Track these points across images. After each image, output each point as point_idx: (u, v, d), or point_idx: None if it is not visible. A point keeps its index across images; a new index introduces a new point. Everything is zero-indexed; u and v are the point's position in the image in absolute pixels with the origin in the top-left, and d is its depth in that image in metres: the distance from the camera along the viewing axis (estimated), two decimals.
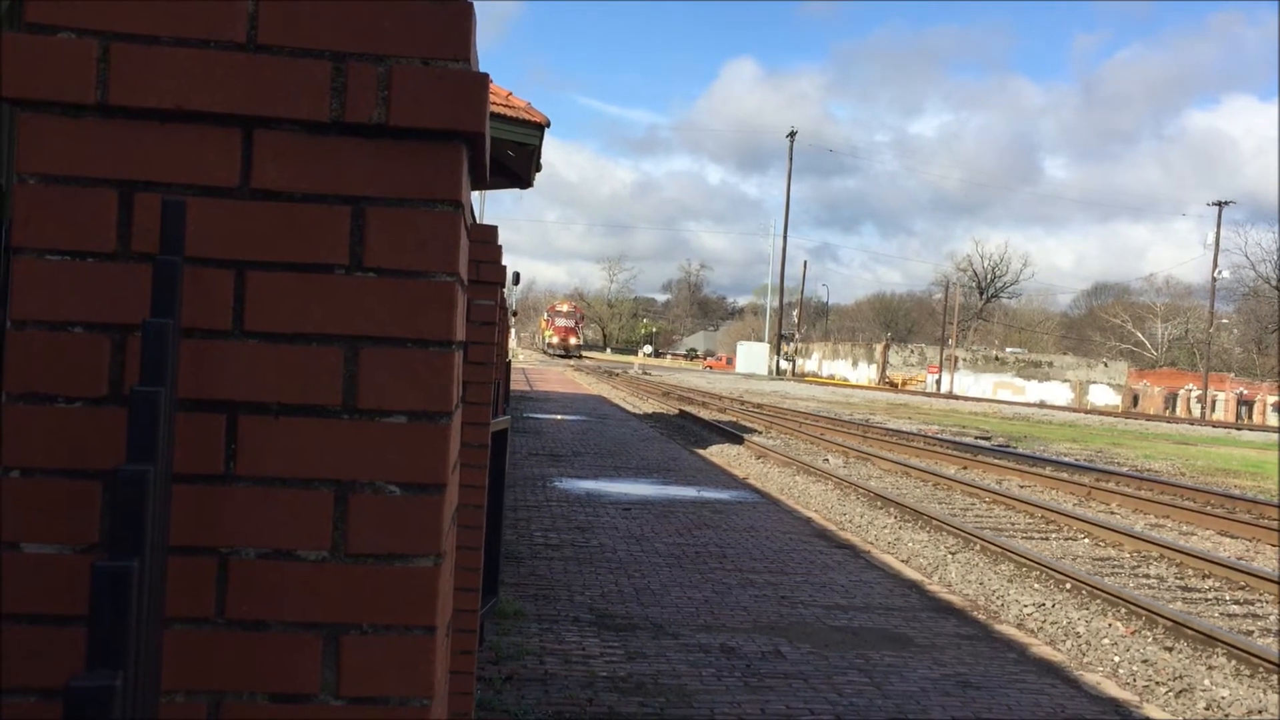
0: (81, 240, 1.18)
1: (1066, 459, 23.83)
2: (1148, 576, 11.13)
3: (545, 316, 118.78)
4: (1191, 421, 55.27)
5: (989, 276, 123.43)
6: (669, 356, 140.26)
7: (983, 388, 79.28)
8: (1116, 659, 8.02)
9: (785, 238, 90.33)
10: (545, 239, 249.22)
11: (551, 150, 14.46)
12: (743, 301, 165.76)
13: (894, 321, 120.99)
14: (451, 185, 1.23)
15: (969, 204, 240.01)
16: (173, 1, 1.18)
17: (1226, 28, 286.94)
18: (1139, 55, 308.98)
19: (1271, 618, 9.60)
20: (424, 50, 1.21)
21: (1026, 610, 9.32)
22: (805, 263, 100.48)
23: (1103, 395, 78.05)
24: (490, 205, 48.36)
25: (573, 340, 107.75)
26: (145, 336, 0.99)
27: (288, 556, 1.20)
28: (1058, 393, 79.05)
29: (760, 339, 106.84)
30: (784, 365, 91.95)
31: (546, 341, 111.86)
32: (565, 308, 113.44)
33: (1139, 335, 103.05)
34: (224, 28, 1.18)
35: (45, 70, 1.16)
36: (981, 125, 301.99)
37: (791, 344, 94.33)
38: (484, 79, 1.22)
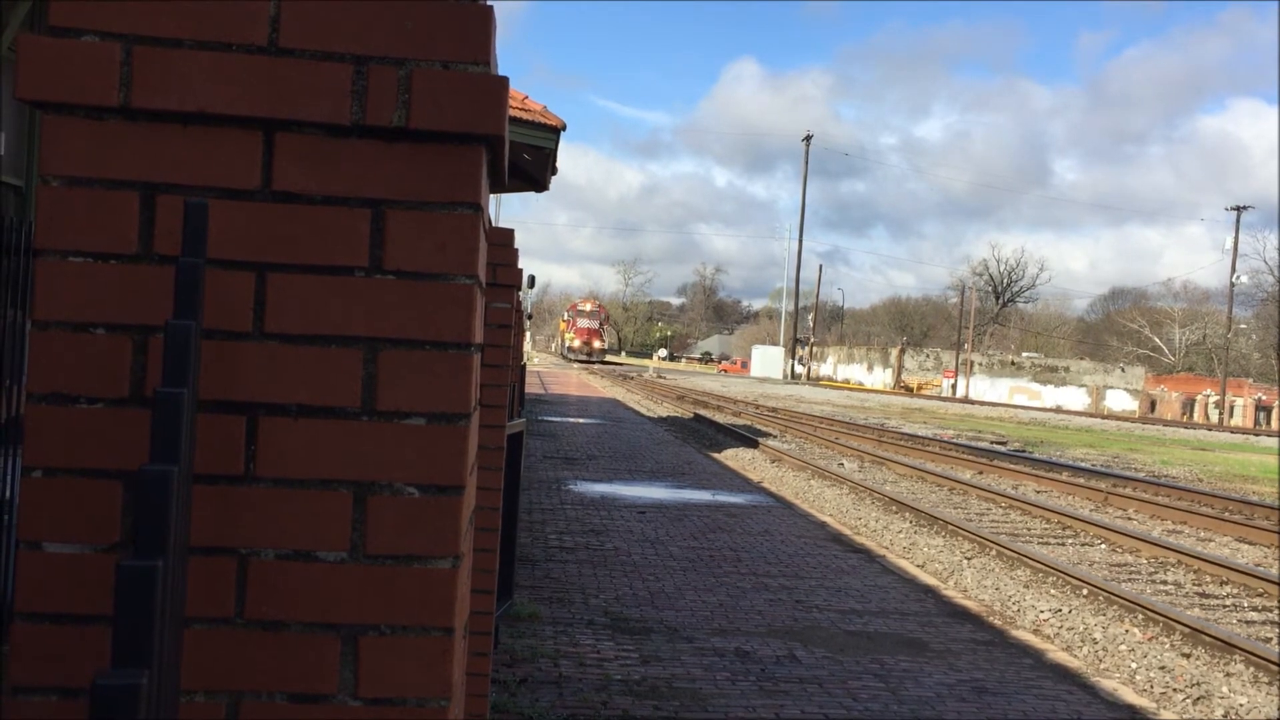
0: (104, 242, 1.19)
1: (1083, 464, 23.72)
2: (1165, 582, 11.07)
3: (565, 317, 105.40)
4: (1209, 427, 54.94)
5: (1005, 281, 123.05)
6: (684, 360, 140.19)
7: (999, 392, 78.98)
8: (1134, 665, 7.97)
9: (800, 242, 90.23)
10: (556, 242, 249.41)
11: (559, 152, 14.36)
12: (758, 305, 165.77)
13: (909, 325, 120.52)
14: (471, 188, 1.24)
15: (979, 207, 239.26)
16: (195, 4, 1.19)
17: (1236, 24, 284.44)
18: (1147, 53, 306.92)
19: None
20: (444, 53, 1.21)
21: (1043, 616, 9.27)
22: (820, 266, 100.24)
23: (1119, 400, 77.67)
24: (500, 207, 48.15)
25: (597, 343, 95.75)
26: (168, 338, 0.99)
27: (307, 557, 1.21)
28: (1074, 398, 78.69)
29: (775, 343, 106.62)
30: (799, 369, 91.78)
31: (567, 345, 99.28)
32: (589, 307, 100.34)
33: (1156, 340, 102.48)
34: (246, 30, 1.19)
35: (69, 73, 1.17)
36: (989, 127, 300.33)
37: (806, 348, 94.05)
38: (504, 82, 1.22)
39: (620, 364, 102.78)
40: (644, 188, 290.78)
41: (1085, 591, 10.13)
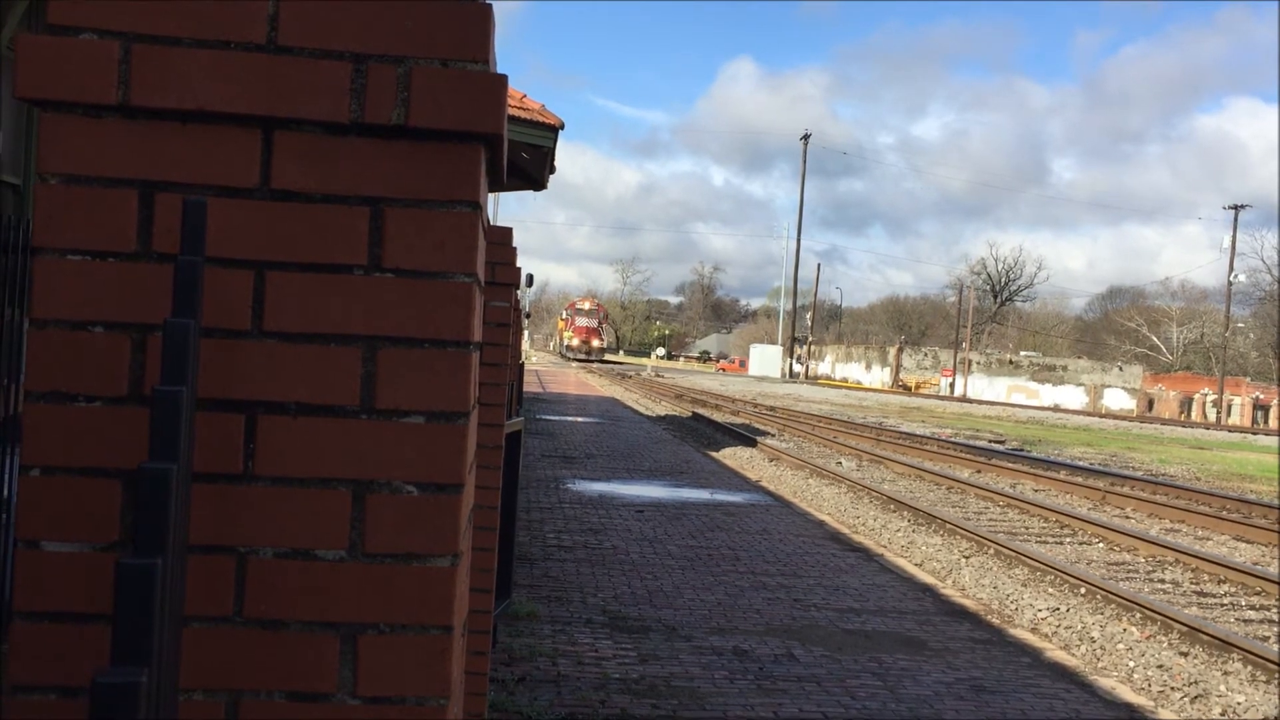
0: (103, 240, 1.19)
1: (1081, 463, 23.73)
2: (1163, 581, 11.08)
3: (564, 316, 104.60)
4: (1207, 426, 54.97)
5: (1003, 279, 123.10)
6: (682, 359, 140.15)
7: (997, 391, 78.99)
8: (1131, 664, 7.98)
9: (799, 241, 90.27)
10: (555, 240, 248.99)
11: (558, 151, 14.33)
12: (756, 304, 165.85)
13: (907, 324, 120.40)
14: (470, 186, 1.24)
15: (977, 206, 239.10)
16: (194, 2, 1.18)
17: (1234, 23, 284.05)
18: (1145, 52, 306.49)
19: None
20: (444, 52, 1.21)
21: (1041, 614, 9.28)
22: (819, 265, 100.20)
23: (1117, 399, 77.67)
24: (499, 206, 48.03)
25: (595, 342, 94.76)
26: (166, 336, 0.99)
27: (306, 556, 1.21)
28: (1072, 396, 78.71)
29: (773, 342, 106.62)
30: (797, 368, 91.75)
31: (565, 344, 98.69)
32: (587, 305, 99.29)
33: (1154, 339, 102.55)
34: (245, 29, 1.19)
35: (67, 71, 1.16)
36: (987, 126, 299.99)
37: (804, 347, 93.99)
38: (503, 80, 1.22)
39: (618, 363, 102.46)
40: (642, 187, 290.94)
41: (1083, 590, 10.14)
